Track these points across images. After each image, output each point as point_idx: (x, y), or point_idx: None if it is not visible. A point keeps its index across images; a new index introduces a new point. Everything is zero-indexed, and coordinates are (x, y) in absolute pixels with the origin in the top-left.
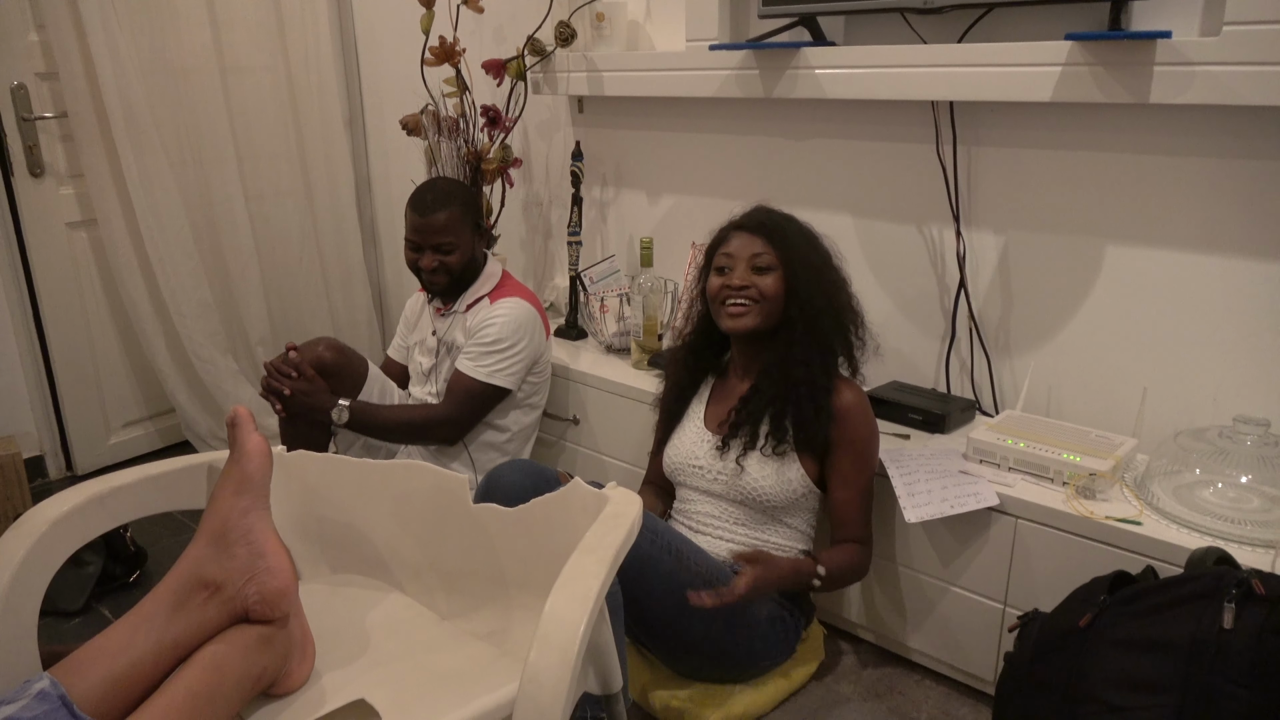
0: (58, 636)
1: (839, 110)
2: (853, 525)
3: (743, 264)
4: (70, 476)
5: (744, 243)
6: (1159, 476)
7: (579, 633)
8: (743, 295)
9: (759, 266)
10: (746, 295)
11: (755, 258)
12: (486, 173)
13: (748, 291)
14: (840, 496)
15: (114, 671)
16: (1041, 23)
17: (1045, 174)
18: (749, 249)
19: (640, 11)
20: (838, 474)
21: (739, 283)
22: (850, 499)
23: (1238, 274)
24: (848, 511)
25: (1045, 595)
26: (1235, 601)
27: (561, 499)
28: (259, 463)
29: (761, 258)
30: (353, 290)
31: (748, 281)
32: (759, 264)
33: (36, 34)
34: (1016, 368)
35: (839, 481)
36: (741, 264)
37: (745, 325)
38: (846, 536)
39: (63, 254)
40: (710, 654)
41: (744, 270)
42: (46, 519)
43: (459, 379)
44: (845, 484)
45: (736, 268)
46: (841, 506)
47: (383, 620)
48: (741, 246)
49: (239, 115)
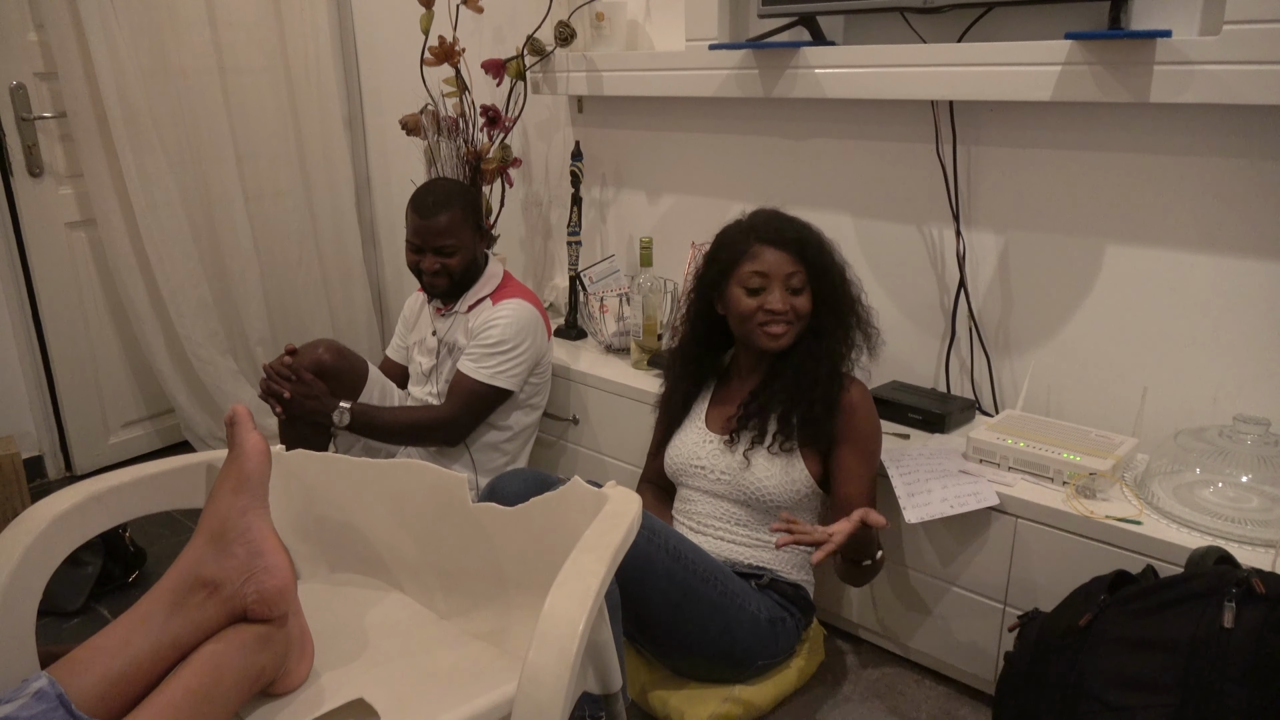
0: (56, 636)
1: (839, 110)
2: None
3: (778, 285)
4: (69, 476)
5: (777, 261)
6: (1159, 476)
7: (578, 631)
8: (782, 319)
9: (794, 287)
10: (785, 319)
11: (790, 277)
12: (486, 173)
13: (786, 315)
14: (847, 492)
15: (112, 671)
16: (1041, 22)
17: (1045, 173)
18: (783, 268)
19: (640, 11)
20: (843, 470)
21: (779, 307)
22: (859, 493)
23: (1238, 273)
24: (849, 504)
25: (1045, 595)
26: (1235, 601)
27: (560, 498)
28: (257, 461)
29: (795, 277)
30: (352, 290)
31: (787, 305)
32: (794, 284)
33: (36, 34)
34: (1016, 367)
35: (845, 477)
36: (777, 285)
37: (784, 345)
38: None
39: (62, 254)
40: (709, 653)
41: (781, 292)
42: (44, 518)
43: (461, 380)
44: (851, 479)
45: (773, 289)
46: (851, 501)
47: (381, 619)
48: (775, 265)
49: (238, 115)
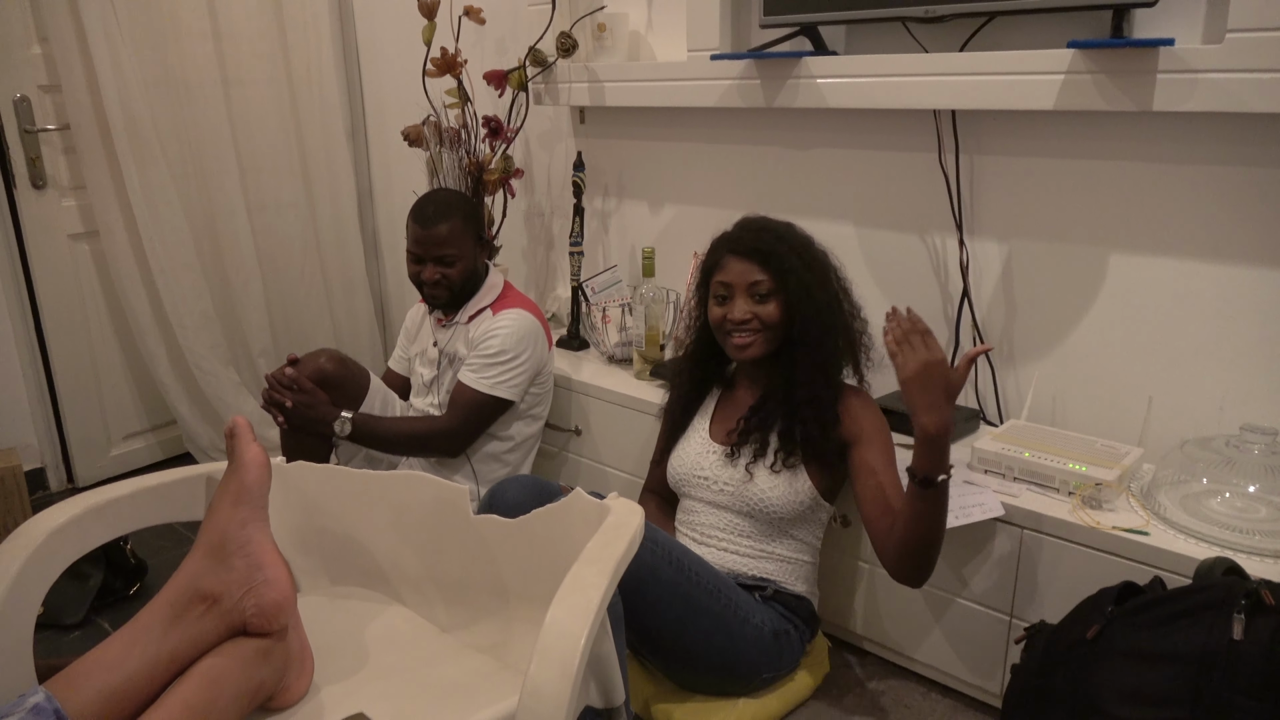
0: (57, 650)
1: (841, 119)
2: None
3: (741, 294)
4: (71, 489)
5: (741, 270)
6: (1166, 486)
7: (580, 645)
8: (745, 328)
9: (759, 295)
10: (749, 327)
11: (753, 286)
12: (488, 183)
13: (750, 324)
14: (877, 482)
15: (110, 685)
16: (1043, 31)
17: (1048, 182)
18: (746, 277)
19: (641, 22)
20: (865, 468)
21: (740, 316)
22: (890, 481)
23: (1243, 282)
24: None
25: (1052, 606)
26: (1245, 612)
27: (562, 510)
28: (257, 474)
29: (760, 285)
30: (354, 301)
31: (749, 314)
32: (758, 292)
33: (39, 46)
34: (1021, 377)
35: (868, 472)
36: (740, 294)
37: (753, 355)
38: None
39: (64, 265)
40: (713, 666)
41: (744, 301)
42: (44, 530)
43: (462, 391)
44: (875, 471)
45: (736, 298)
46: (884, 490)
47: (382, 633)
48: (739, 275)
49: (241, 127)
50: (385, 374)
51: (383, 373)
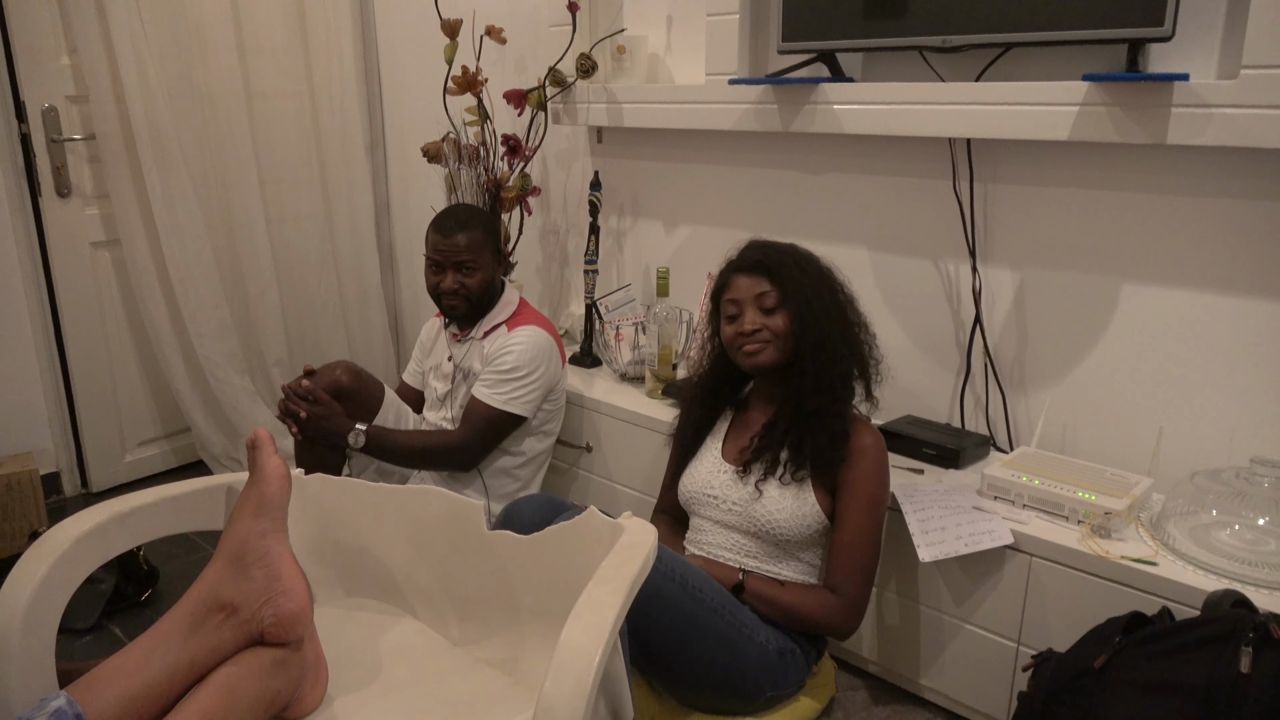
0: (69, 654)
1: (856, 145)
2: (835, 571)
3: (750, 306)
4: (85, 494)
5: (747, 285)
6: (1175, 517)
7: (594, 664)
8: (755, 338)
9: (766, 307)
10: (759, 337)
11: (760, 298)
12: (505, 200)
13: (760, 334)
14: (837, 537)
15: (130, 691)
16: (1059, 63)
17: (1062, 212)
18: (752, 290)
19: (661, 45)
20: (838, 516)
21: (750, 327)
22: (841, 542)
23: (1254, 315)
24: (834, 555)
25: (1059, 635)
26: (1252, 645)
27: (576, 528)
28: (278, 485)
29: (767, 297)
30: (369, 313)
31: (758, 324)
32: (765, 304)
33: (68, 58)
34: (1031, 404)
35: (837, 523)
36: (748, 306)
37: (765, 360)
38: (827, 580)
39: (86, 273)
40: (717, 684)
41: (753, 313)
42: (69, 537)
43: (475, 406)
44: (840, 526)
45: (745, 312)
46: (832, 549)
47: (395, 645)
48: (745, 289)
49: (262, 140)
50: (399, 387)
51: (396, 385)
